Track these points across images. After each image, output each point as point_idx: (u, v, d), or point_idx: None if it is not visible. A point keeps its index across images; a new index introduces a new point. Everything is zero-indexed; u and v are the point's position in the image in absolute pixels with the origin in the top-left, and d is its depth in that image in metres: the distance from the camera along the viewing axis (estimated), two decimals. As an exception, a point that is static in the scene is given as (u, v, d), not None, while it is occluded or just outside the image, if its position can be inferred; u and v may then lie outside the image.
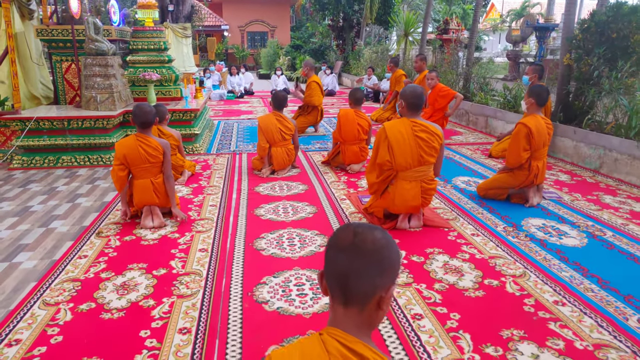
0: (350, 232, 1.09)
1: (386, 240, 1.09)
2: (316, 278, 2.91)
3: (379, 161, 3.51)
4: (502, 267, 3.04)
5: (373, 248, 1.06)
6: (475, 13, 9.38)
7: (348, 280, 1.06)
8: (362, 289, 1.06)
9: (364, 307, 1.07)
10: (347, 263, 1.06)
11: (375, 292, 1.07)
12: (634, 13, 5.46)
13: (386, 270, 1.07)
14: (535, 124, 4.00)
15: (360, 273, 1.05)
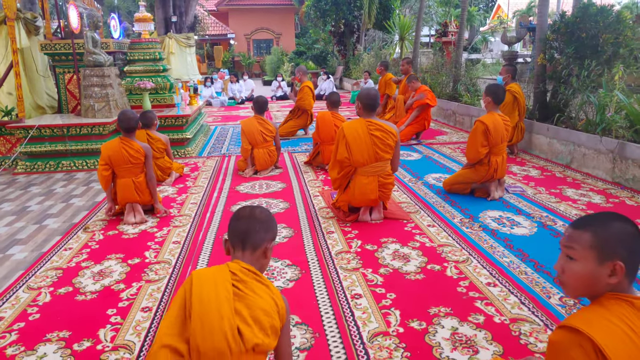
0: (247, 208, 1.79)
1: (268, 212, 1.80)
2: (270, 264, 3.19)
3: (338, 158, 3.78)
4: (448, 254, 3.27)
5: (261, 216, 1.75)
6: (462, 17, 9.60)
7: (247, 235, 1.70)
8: (255, 240, 1.70)
9: (254, 252, 1.71)
10: (247, 225, 1.71)
11: (262, 243, 1.71)
12: (601, 13, 5.65)
13: (269, 230, 1.75)
14: (492, 122, 4.22)
15: (255, 230, 1.70)
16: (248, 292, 1.59)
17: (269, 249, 1.74)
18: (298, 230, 3.78)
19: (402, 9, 22.18)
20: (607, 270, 1.31)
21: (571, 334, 1.27)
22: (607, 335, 1.23)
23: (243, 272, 1.63)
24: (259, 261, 1.73)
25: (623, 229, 1.31)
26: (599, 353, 1.21)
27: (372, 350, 2.24)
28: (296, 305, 2.65)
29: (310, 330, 2.42)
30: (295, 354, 2.24)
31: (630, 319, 1.26)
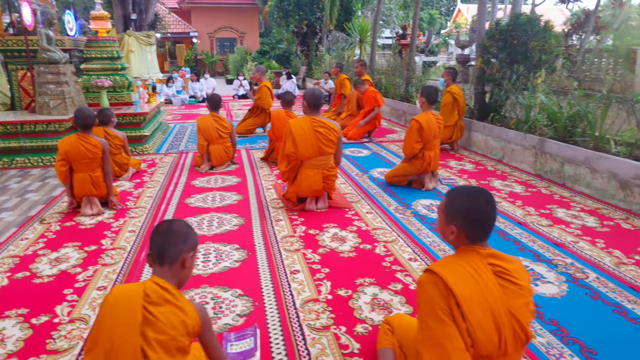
0: (165, 223, 1.82)
1: (186, 224, 1.84)
2: (219, 248, 3.50)
3: (286, 152, 4.12)
4: (380, 236, 3.67)
5: (178, 228, 1.80)
6: (414, 21, 10.09)
7: (164, 249, 1.74)
8: (172, 253, 1.74)
9: (172, 265, 1.74)
10: (163, 239, 1.76)
11: (180, 255, 1.75)
12: (530, 22, 6.23)
13: (187, 241, 1.78)
14: (426, 120, 4.67)
15: (171, 243, 1.75)
16: (159, 316, 1.62)
17: (187, 260, 1.77)
18: (248, 219, 4.09)
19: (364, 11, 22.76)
20: (450, 229, 1.71)
21: (430, 275, 1.66)
22: (454, 275, 1.62)
23: (157, 294, 1.65)
24: (178, 274, 1.76)
25: (464, 203, 1.70)
26: (449, 288, 1.60)
27: (302, 314, 2.59)
28: (240, 281, 2.98)
29: (251, 300, 2.75)
30: (235, 319, 2.56)
31: (475, 262, 1.66)
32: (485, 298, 1.60)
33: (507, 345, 1.61)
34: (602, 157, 4.51)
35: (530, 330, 1.65)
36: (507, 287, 1.64)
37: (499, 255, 1.69)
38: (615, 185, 4.35)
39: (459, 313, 1.58)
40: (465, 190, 1.75)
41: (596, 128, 4.83)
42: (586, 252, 3.33)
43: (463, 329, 1.58)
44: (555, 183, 5.05)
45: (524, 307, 1.65)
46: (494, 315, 1.59)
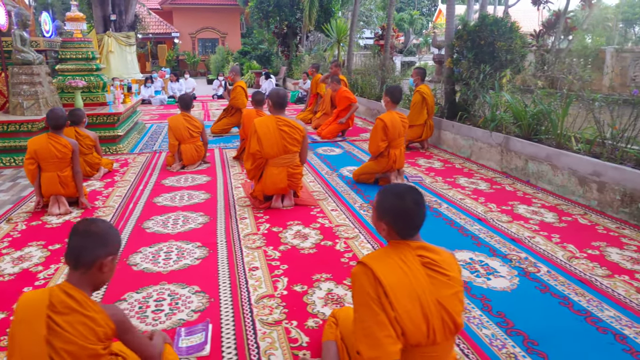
0: (83, 222, 1.72)
1: (107, 225, 1.74)
2: (181, 246, 3.53)
3: (251, 151, 4.16)
4: (342, 232, 3.74)
5: (97, 230, 1.69)
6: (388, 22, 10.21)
7: (79, 252, 1.66)
8: (87, 257, 1.66)
9: (88, 270, 1.66)
10: (79, 241, 1.67)
11: (97, 260, 1.66)
12: (496, 23, 6.37)
13: (106, 244, 1.69)
14: (390, 119, 4.75)
15: (87, 247, 1.66)
16: (65, 326, 1.58)
17: (105, 264, 1.68)
18: (214, 218, 4.12)
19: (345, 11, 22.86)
20: (381, 226, 1.77)
21: (361, 266, 1.72)
22: (383, 266, 1.68)
23: (63, 303, 1.60)
24: (94, 279, 1.69)
25: (392, 202, 1.76)
26: (377, 278, 1.66)
27: (256, 309, 2.64)
28: (199, 278, 3.01)
29: (207, 297, 2.79)
30: (189, 314, 2.60)
31: (405, 254, 1.73)
32: (413, 288, 1.66)
33: (435, 334, 1.68)
34: (563, 154, 4.64)
35: (460, 320, 1.72)
36: (436, 278, 1.71)
37: (428, 248, 1.76)
38: (575, 182, 4.48)
39: (387, 302, 1.64)
40: (394, 190, 1.81)
41: (558, 126, 4.96)
42: (541, 247, 3.44)
43: (392, 318, 1.64)
44: (520, 180, 5.17)
45: (453, 297, 1.72)
46: (422, 305, 1.66)
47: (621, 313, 2.57)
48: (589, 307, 2.63)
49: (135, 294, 2.84)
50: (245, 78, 20.07)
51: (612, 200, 4.07)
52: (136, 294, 2.83)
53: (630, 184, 3.90)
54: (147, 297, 2.80)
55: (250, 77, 19.31)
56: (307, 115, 9.46)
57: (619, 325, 2.46)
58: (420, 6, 46.33)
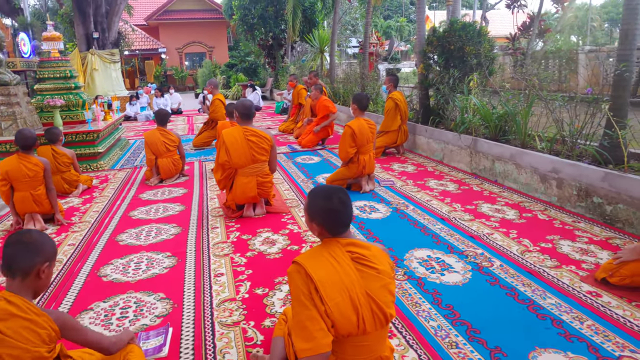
0: (18, 234, 1.82)
1: (40, 234, 1.85)
2: (151, 257, 3.63)
3: (220, 162, 4.29)
4: (309, 237, 3.85)
5: (30, 239, 1.80)
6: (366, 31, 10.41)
7: (13, 261, 1.76)
8: (23, 266, 1.76)
9: (25, 278, 1.76)
10: (13, 251, 1.77)
11: (33, 267, 1.76)
12: (464, 29, 6.55)
13: (40, 252, 1.79)
14: (358, 126, 4.90)
15: (21, 256, 1.76)
16: (6, 331, 1.66)
17: (42, 271, 1.78)
18: (186, 228, 4.23)
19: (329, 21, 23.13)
20: (312, 227, 1.90)
21: (295, 265, 1.84)
22: (314, 263, 1.81)
23: (3, 310, 1.68)
24: (32, 285, 1.79)
25: (320, 203, 1.88)
26: (308, 274, 1.78)
27: (217, 312, 2.75)
28: (165, 286, 3.12)
29: (171, 303, 2.90)
30: (153, 320, 2.71)
31: (335, 251, 1.85)
32: (343, 282, 1.79)
33: (365, 324, 1.80)
34: (525, 153, 4.80)
35: (389, 311, 1.84)
36: (365, 272, 1.83)
37: (358, 244, 1.89)
38: (537, 179, 4.63)
39: (317, 297, 1.76)
40: (322, 192, 1.93)
41: (521, 127, 5.12)
42: (498, 243, 3.57)
43: (322, 312, 1.76)
44: (488, 180, 5.32)
45: (382, 288, 1.85)
46: (352, 297, 1.78)
47: (562, 300, 2.70)
48: (533, 297, 2.75)
49: (102, 303, 2.94)
50: (233, 91, 20.26)
51: (570, 195, 4.22)
52: (103, 303, 2.93)
53: (585, 179, 4.05)
54: (113, 305, 2.91)
55: (237, 90, 19.48)
56: (289, 125, 9.61)
57: (558, 311, 2.59)
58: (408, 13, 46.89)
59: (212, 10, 27.11)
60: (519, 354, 2.24)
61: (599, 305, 2.64)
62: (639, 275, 2.73)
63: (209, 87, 8.04)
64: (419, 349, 2.32)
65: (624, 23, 4.16)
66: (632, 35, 4.10)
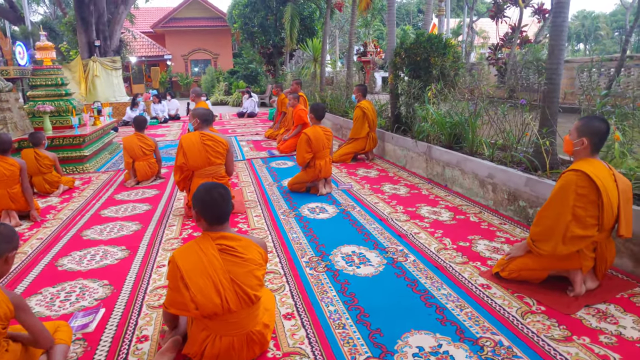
0: None
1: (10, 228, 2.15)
2: (108, 250, 4.01)
3: (178, 164, 4.66)
4: (254, 234, 4.20)
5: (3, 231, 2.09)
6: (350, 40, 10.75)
7: None
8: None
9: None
10: None
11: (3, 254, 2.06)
12: (429, 41, 6.88)
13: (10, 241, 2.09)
14: (313, 133, 5.25)
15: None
16: None
17: (10, 257, 2.10)
18: (146, 226, 4.61)
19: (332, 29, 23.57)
20: (195, 215, 2.25)
21: (170, 258, 2.21)
22: (183, 254, 2.20)
23: None
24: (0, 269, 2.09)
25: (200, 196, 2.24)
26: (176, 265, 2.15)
27: (148, 297, 3.11)
28: (111, 274, 3.49)
29: (112, 288, 3.26)
30: (91, 302, 3.07)
31: (204, 243, 2.21)
32: (207, 269, 2.15)
33: (230, 304, 2.16)
34: (468, 160, 5.10)
35: (254, 292, 2.20)
36: (230, 260, 2.19)
37: (229, 236, 2.24)
38: (477, 184, 4.93)
39: (183, 284, 2.13)
40: (207, 185, 2.29)
41: (469, 135, 5.42)
42: (420, 241, 3.88)
43: (188, 298, 2.12)
44: (439, 185, 5.62)
45: (248, 274, 2.20)
46: (214, 282, 2.14)
47: (454, 291, 3.00)
48: (430, 288, 3.06)
49: (51, 288, 3.31)
50: (233, 97, 20.77)
51: (502, 199, 4.52)
52: (52, 288, 3.30)
53: (513, 185, 4.34)
54: (60, 290, 3.28)
55: (237, 96, 19.97)
56: (274, 131, 9.99)
57: (446, 300, 2.89)
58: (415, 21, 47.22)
59: (217, 18, 27.74)
60: (394, 334, 2.56)
61: (485, 295, 2.94)
62: (525, 270, 3.03)
63: (192, 95, 8.44)
64: (310, 329, 2.65)
65: (551, 39, 4.46)
66: (558, 50, 4.39)
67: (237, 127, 12.42)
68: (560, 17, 4.37)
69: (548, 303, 2.81)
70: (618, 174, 2.91)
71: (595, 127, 2.87)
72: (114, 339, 2.63)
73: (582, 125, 2.92)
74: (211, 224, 2.25)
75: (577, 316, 2.67)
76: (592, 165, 2.85)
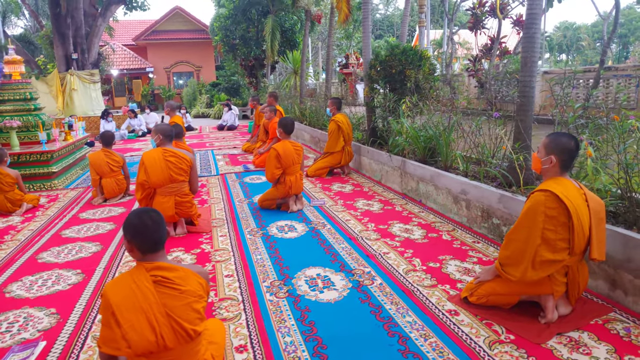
0: None
1: None
2: (61, 274, 3.79)
3: (139, 181, 4.48)
4: (216, 256, 4.02)
5: None
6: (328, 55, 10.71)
7: None
8: None
9: None
10: None
11: None
12: (404, 53, 6.81)
13: None
14: (283, 148, 5.11)
15: None
16: None
17: None
18: (106, 247, 4.40)
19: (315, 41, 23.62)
20: (127, 245, 2.07)
21: (103, 291, 2.02)
22: (115, 288, 2.01)
23: None
24: None
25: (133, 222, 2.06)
26: (107, 299, 1.96)
27: (95, 326, 2.91)
28: (60, 302, 3.27)
29: (58, 317, 3.04)
30: (33, 334, 2.86)
31: (138, 275, 2.03)
32: (140, 304, 1.96)
33: (165, 341, 1.97)
34: (441, 175, 4.99)
35: (193, 327, 2.02)
36: (166, 292, 2.01)
37: (164, 267, 2.07)
38: (451, 200, 4.82)
39: (114, 320, 1.94)
40: (136, 211, 2.12)
41: (443, 149, 5.32)
42: (389, 262, 3.73)
43: (119, 335, 1.94)
44: (413, 200, 5.51)
45: (185, 307, 2.02)
46: (149, 318, 1.95)
47: (420, 318, 2.86)
48: (395, 315, 2.91)
49: (-7, 319, 3.09)
50: (215, 110, 20.59)
51: (476, 216, 4.40)
52: (-7, 319, 3.08)
53: (486, 201, 4.24)
54: (3, 320, 3.06)
55: (219, 109, 19.80)
56: (251, 145, 9.83)
57: (410, 329, 2.74)
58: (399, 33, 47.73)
59: (200, 30, 27.63)
60: (352, 368, 2.39)
61: (451, 323, 2.80)
62: (494, 295, 2.90)
63: (166, 109, 8.27)
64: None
65: (524, 51, 4.40)
66: (531, 62, 4.33)
67: (216, 140, 12.24)
68: (532, 29, 4.31)
69: (518, 331, 2.68)
70: (589, 193, 2.81)
71: (564, 144, 2.77)
72: (50, 377, 2.43)
73: (550, 142, 2.82)
74: (144, 252, 2.08)
75: (548, 346, 2.54)
76: (561, 184, 2.75)
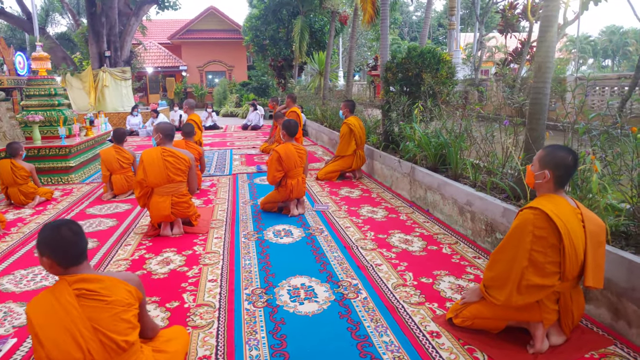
0: None
1: None
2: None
3: (137, 179, 4.46)
4: (206, 259, 3.95)
5: None
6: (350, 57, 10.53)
7: None
8: None
9: None
10: None
11: None
12: (421, 56, 6.58)
13: None
14: (285, 151, 5.00)
15: None
16: None
17: None
18: (102, 243, 4.41)
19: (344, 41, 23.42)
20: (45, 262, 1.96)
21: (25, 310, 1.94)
22: (36, 308, 1.91)
23: None
24: None
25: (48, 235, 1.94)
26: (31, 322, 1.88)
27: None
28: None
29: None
30: (7, 330, 2.86)
31: (59, 290, 1.92)
32: (62, 321, 1.88)
33: (94, 356, 1.89)
34: (448, 184, 4.76)
35: (122, 338, 1.92)
36: (91, 305, 1.91)
37: (88, 278, 1.96)
38: (457, 211, 4.59)
39: (37, 340, 1.87)
40: (49, 226, 1.99)
41: (453, 156, 5.08)
42: (380, 275, 3.55)
43: (43, 355, 1.86)
44: (420, 209, 5.29)
45: (113, 318, 1.93)
46: (73, 335, 1.87)
47: (398, 339, 2.68)
48: (372, 333, 2.74)
49: (-25, 312, 3.12)
50: (243, 109, 20.76)
51: (480, 229, 4.16)
52: (-25, 313, 3.11)
53: (490, 214, 3.99)
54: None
55: (246, 108, 19.94)
56: (269, 146, 9.78)
57: (385, 350, 2.57)
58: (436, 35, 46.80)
59: (233, 30, 27.97)
60: (312, 389, 2.25)
61: (431, 346, 2.61)
62: (480, 318, 2.69)
63: (185, 107, 8.32)
64: (222, 377, 2.37)
65: (538, 56, 4.12)
66: (545, 67, 4.05)
67: (237, 140, 12.28)
68: (549, 32, 4.03)
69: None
70: (588, 213, 2.56)
71: (560, 158, 2.53)
72: (9, 378, 2.41)
73: (545, 156, 2.59)
74: (67, 266, 1.97)
75: (530, 377, 2.32)
76: (553, 202, 2.52)
